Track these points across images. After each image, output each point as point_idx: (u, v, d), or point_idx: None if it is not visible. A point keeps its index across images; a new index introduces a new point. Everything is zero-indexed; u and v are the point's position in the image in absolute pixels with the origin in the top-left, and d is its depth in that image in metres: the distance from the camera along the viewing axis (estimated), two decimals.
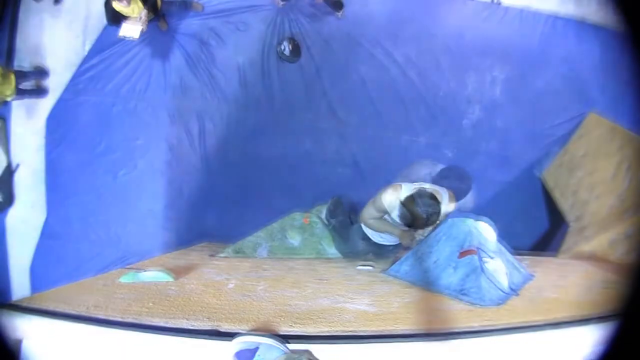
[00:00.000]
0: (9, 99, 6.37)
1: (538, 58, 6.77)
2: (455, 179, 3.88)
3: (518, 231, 6.73)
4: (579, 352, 2.33)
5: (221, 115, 6.86)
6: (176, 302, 2.52)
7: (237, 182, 6.88)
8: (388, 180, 6.41)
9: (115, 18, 5.78)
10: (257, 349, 1.94)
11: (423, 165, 4.39)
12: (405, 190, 3.97)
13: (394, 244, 4.64)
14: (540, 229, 6.94)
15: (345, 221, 5.06)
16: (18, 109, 6.96)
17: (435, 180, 4.04)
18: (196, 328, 2.20)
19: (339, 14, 6.66)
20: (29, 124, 6.97)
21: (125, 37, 5.88)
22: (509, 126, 6.79)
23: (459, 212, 4.18)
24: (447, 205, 4.07)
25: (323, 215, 5.30)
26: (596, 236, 5.10)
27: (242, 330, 2.16)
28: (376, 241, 4.64)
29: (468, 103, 6.80)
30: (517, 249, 3.88)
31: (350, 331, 2.25)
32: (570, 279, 3.79)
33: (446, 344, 2.18)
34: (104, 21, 6.20)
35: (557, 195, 6.36)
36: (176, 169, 6.87)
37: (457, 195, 3.92)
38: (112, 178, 6.88)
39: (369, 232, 4.62)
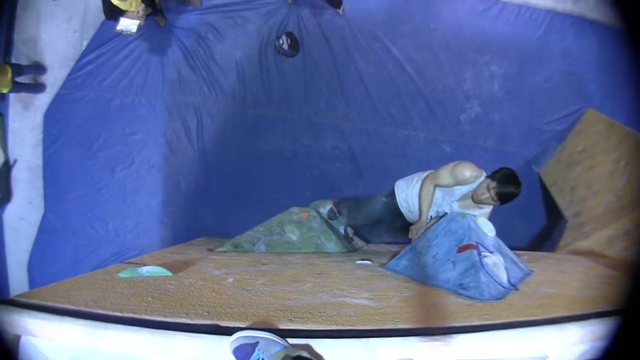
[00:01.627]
0: (5, 91, 6.37)
1: (536, 54, 6.78)
2: (511, 182, 3.85)
3: (516, 227, 6.74)
4: (578, 347, 2.34)
5: (219, 110, 6.86)
6: (175, 297, 2.51)
7: (235, 177, 6.89)
8: (386, 175, 6.45)
9: (112, 13, 5.76)
10: (257, 343, 1.94)
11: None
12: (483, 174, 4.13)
13: (409, 221, 4.71)
14: (538, 225, 6.96)
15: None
16: (15, 105, 6.95)
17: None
18: (195, 323, 2.19)
19: (339, 10, 6.66)
20: (27, 120, 6.96)
21: (122, 31, 5.86)
22: (507, 121, 6.81)
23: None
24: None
25: (322, 210, 5.31)
26: (594, 232, 5.12)
27: (242, 325, 2.16)
28: (399, 202, 4.70)
29: (466, 98, 6.81)
30: (515, 245, 3.89)
31: (350, 326, 2.25)
32: (569, 274, 3.80)
33: (445, 338, 2.18)
34: (102, 16, 6.19)
35: (555, 191, 6.37)
36: (174, 164, 6.88)
37: (507, 199, 3.89)
38: (110, 173, 6.88)
39: (398, 190, 4.71)
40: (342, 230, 5.50)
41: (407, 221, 4.76)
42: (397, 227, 5.08)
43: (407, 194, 4.61)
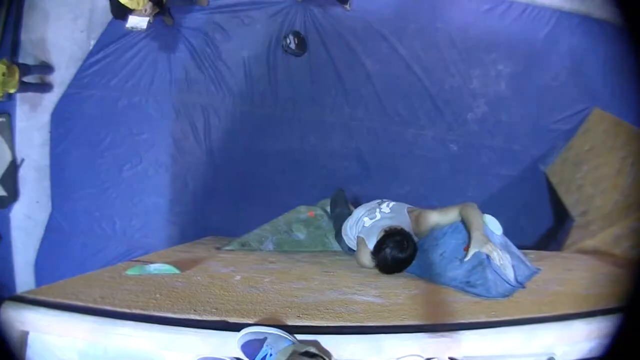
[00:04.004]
0: (12, 91, 6.39)
1: (543, 53, 6.77)
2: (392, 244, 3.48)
3: (523, 226, 6.75)
4: (585, 344, 2.34)
5: (226, 110, 6.88)
6: (183, 294, 2.52)
7: (242, 176, 6.91)
8: (394, 174, 6.46)
9: (119, 11, 5.76)
10: (265, 339, 1.95)
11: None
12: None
13: None
14: (545, 224, 6.95)
15: (343, 212, 5.00)
16: (23, 104, 6.99)
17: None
18: (204, 319, 2.20)
19: (347, 6, 6.66)
20: (34, 119, 7.00)
21: (133, 28, 5.86)
22: (514, 120, 6.80)
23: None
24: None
25: (328, 209, 5.30)
26: (601, 231, 5.11)
27: (250, 321, 2.17)
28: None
29: (473, 97, 6.80)
30: (521, 244, 3.88)
31: (358, 322, 2.25)
32: (576, 272, 3.79)
33: (452, 335, 2.18)
34: (109, 16, 6.20)
35: (562, 190, 6.36)
36: (181, 163, 6.91)
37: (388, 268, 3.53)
38: (118, 172, 6.92)
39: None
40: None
41: None
42: None
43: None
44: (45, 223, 7.09)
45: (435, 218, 3.57)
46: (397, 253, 3.35)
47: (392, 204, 4.07)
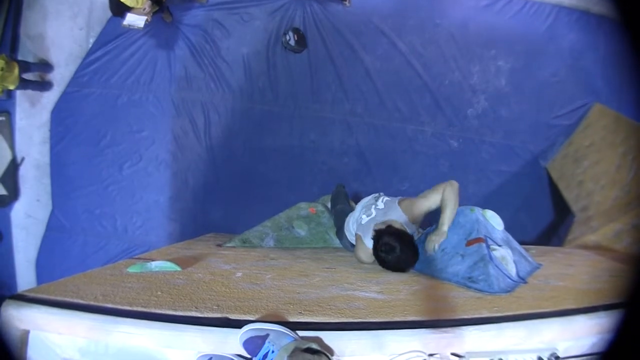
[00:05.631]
0: (12, 87, 6.37)
1: (542, 48, 6.77)
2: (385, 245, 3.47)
3: (524, 222, 6.74)
4: (587, 339, 2.34)
5: (226, 106, 6.88)
6: (185, 291, 2.51)
7: (243, 173, 6.91)
8: (394, 170, 6.45)
9: (118, 9, 5.75)
10: (267, 335, 1.94)
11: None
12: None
13: None
14: (546, 220, 6.95)
15: (344, 209, 4.98)
16: (22, 103, 6.98)
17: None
18: (205, 316, 2.19)
19: (346, 2, 6.65)
20: (34, 117, 6.99)
21: (130, 26, 5.86)
22: (514, 116, 6.81)
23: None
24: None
25: (329, 205, 5.29)
26: (602, 226, 5.11)
27: (252, 318, 2.16)
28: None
29: (473, 93, 6.80)
30: (523, 240, 3.88)
31: (360, 318, 2.25)
32: (577, 268, 3.79)
33: (454, 330, 2.18)
34: (108, 13, 6.19)
35: (562, 185, 6.36)
36: (181, 161, 6.91)
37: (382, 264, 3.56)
38: (118, 170, 6.91)
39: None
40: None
41: None
42: None
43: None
44: (46, 221, 7.09)
45: (425, 204, 3.60)
46: (388, 255, 3.38)
47: (386, 199, 4.06)
